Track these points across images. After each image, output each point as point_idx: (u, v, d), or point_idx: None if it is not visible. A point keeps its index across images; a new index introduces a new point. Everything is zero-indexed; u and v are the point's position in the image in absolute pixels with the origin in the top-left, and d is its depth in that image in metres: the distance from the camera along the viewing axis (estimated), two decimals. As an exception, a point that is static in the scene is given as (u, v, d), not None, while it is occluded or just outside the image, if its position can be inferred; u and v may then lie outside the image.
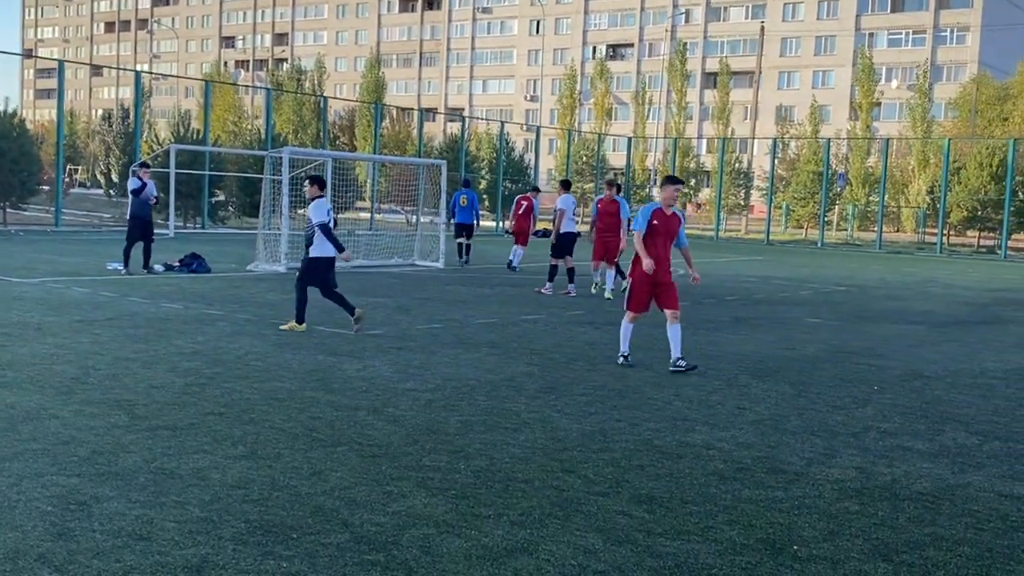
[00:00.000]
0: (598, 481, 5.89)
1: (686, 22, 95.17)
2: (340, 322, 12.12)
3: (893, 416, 8.12)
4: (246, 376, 8.57)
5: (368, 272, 19.80)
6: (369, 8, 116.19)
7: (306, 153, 23.58)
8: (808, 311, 16.15)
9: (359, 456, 6.23)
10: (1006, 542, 5.08)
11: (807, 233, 52.37)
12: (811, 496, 5.77)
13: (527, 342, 11.23)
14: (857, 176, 55.32)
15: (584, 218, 52.19)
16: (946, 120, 68.16)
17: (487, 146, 62.88)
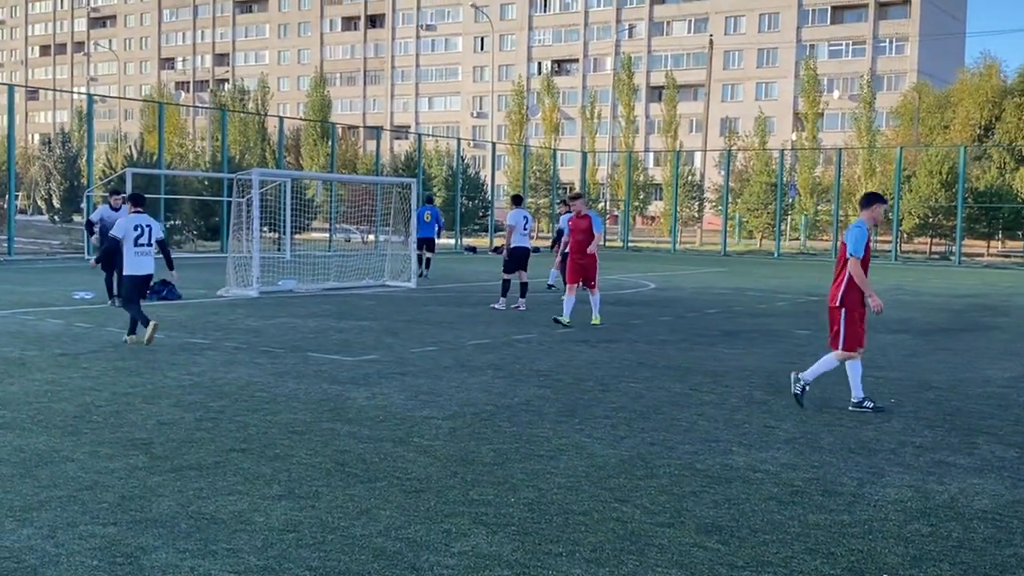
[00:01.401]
0: (657, 511, 5.67)
1: (630, 37, 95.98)
2: (334, 348, 11.80)
3: (922, 430, 8.02)
4: (256, 408, 8.23)
5: (341, 294, 19.44)
6: (311, 27, 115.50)
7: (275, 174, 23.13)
8: (793, 322, 16.13)
9: (402, 491, 5.95)
10: (1095, 561, 4.96)
11: (761, 243, 52.85)
12: (878, 519, 5.61)
13: (529, 363, 10.99)
14: (805, 186, 56.05)
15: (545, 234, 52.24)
16: (888, 129, 69.39)
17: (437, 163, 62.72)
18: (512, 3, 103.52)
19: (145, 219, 12.33)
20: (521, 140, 67.08)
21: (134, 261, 12.02)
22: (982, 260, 44.54)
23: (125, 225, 12.08)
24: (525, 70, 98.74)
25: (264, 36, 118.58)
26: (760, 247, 51.57)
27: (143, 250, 12.09)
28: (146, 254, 12.12)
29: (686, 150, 59.92)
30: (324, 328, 13.86)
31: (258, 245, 18.58)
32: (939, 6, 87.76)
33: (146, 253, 12.12)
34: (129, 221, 12.11)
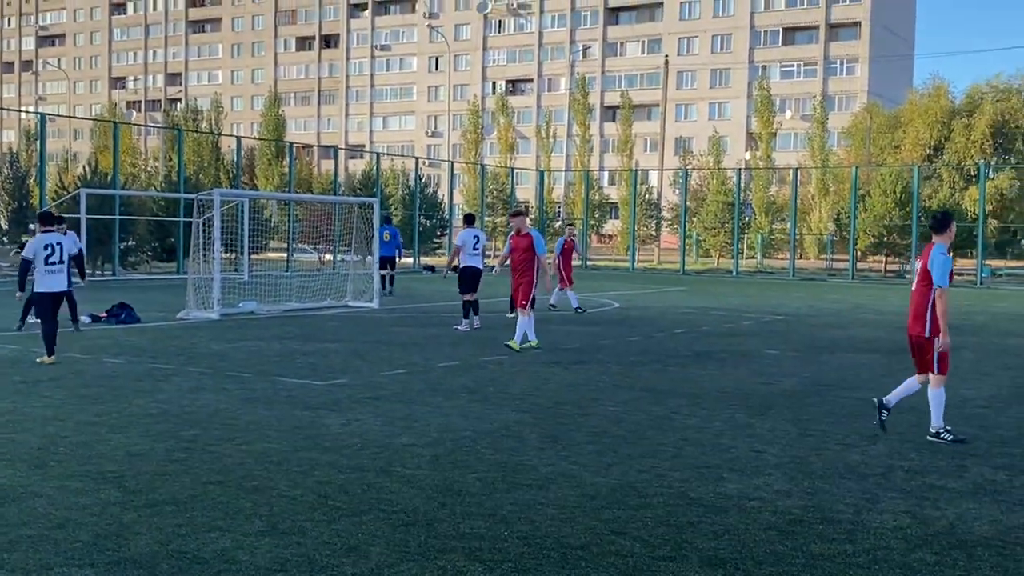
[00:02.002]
0: (657, 544, 5.50)
1: (584, 57, 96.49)
2: (302, 372, 11.52)
3: (908, 452, 7.95)
4: (229, 438, 7.94)
5: (303, 316, 19.12)
6: (265, 47, 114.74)
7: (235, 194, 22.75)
8: (761, 342, 16.10)
9: (389, 526, 5.72)
10: (1108, 590, 4.87)
11: (719, 262, 53.17)
12: (881, 548, 5.48)
13: (503, 387, 10.80)
14: (760, 205, 56.54)
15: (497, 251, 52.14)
16: (840, 148, 70.28)
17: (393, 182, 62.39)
18: (467, 23, 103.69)
19: (56, 237, 12.42)
20: (477, 159, 67.03)
21: (46, 279, 12.09)
22: (935, 278, 45.03)
23: (35, 245, 12.14)
24: (480, 90, 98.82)
25: (217, 56, 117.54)
26: (718, 266, 51.87)
27: (55, 268, 12.13)
28: (58, 271, 12.19)
29: (642, 169, 60.18)
30: (290, 351, 13.56)
31: (219, 266, 18.21)
32: (888, 28, 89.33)
33: (58, 271, 12.19)
34: (39, 241, 12.16)
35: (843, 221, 48.59)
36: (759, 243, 54.21)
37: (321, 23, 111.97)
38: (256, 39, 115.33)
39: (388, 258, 25.11)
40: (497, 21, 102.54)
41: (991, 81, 58.50)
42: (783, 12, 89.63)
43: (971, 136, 55.46)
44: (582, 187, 56.18)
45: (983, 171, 44.02)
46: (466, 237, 16.94)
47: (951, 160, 55.03)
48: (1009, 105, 55.94)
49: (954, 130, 56.24)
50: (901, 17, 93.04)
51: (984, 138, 55.15)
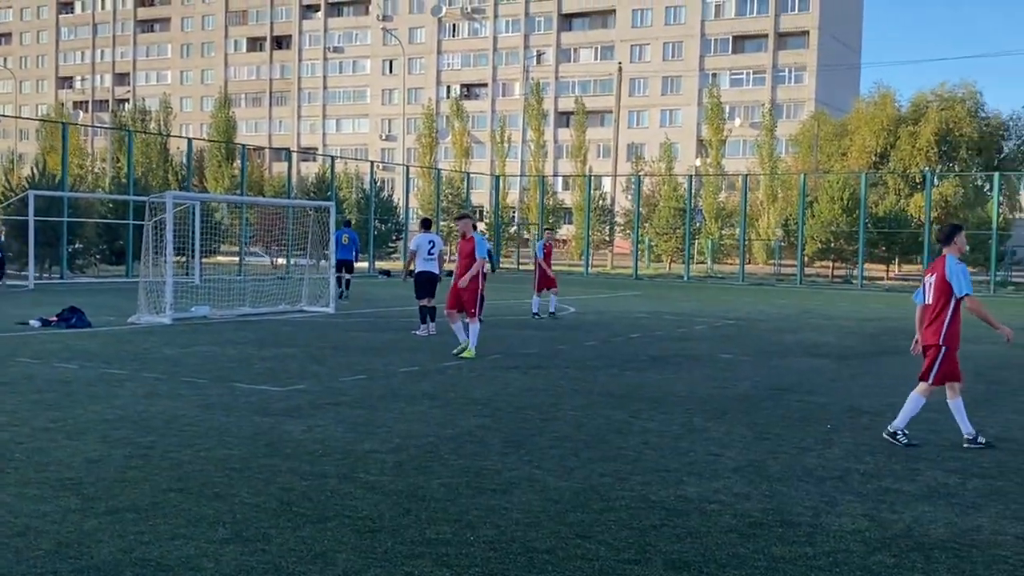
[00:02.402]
0: (622, 547, 5.55)
1: (538, 63, 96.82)
2: (259, 378, 11.45)
3: (863, 456, 8.10)
4: (188, 444, 7.87)
5: (257, 320, 18.97)
6: (215, 47, 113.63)
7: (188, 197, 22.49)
8: (715, 346, 16.28)
9: (354, 532, 5.72)
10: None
11: (670, 267, 53.62)
12: (841, 551, 5.59)
13: (464, 392, 10.81)
14: (710, 211, 57.15)
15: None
16: (789, 156, 71.25)
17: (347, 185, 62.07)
18: (421, 27, 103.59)
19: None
20: (432, 163, 66.94)
21: None
22: (882, 283, 45.91)
23: None
24: (435, 93, 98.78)
25: (166, 56, 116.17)
26: (669, 271, 52.30)
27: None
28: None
29: (595, 175, 60.52)
30: (246, 356, 13.46)
31: (172, 270, 18.01)
32: (836, 37, 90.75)
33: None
34: None
35: (791, 227, 49.29)
36: (709, 248, 54.77)
37: (273, 24, 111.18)
38: (206, 39, 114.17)
39: (345, 261, 25.39)
40: (451, 25, 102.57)
41: (936, 90, 59.67)
42: (733, 21, 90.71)
43: (916, 144, 56.55)
44: (537, 192, 56.35)
45: (929, 178, 44.90)
46: (421, 242, 16.90)
47: (897, 167, 56.08)
48: (953, 113, 57.11)
49: (900, 138, 57.31)
50: (848, 27, 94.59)
51: (929, 146, 56.26)
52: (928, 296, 8.75)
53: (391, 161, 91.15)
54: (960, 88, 59.20)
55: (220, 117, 76.34)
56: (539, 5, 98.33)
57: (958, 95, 58.74)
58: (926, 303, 8.77)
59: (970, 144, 57.33)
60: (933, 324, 8.66)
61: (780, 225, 53.47)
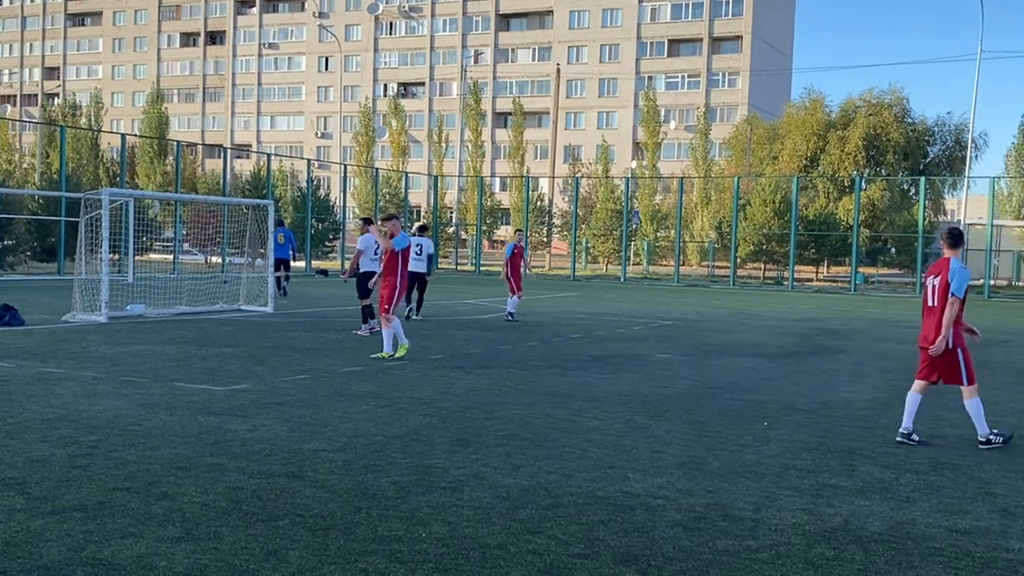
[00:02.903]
0: (571, 542, 5.67)
1: (475, 63, 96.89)
2: (201, 377, 11.36)
3: (800, 452, 8.33)
4: (131, 443, 7.81)
5: (195, 319, 18.76)
6: (148, 42, 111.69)
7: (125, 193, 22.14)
8: (654, 346, 16.52)
9: (307, 530, 5.75)
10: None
11: (607, 268, 54.07)
12: (783, 544, 5.77)
13: (409, 391, 10.86)
14: (646, 213, 57.77)
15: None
16: (722, 159, 72.29)
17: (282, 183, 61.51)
18: (357, 24, 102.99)
19: None
20: (369, 162, 66.61)
21: None
22: (812, 285, 46.85)
23: None
24: (371, 92, 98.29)
25: (97, 50, 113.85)
26: (606, 272, 52.76)
27: None
28: None
29: (533, 176, 60.77)
30: (185, 356, 13.33)
31: (107, 268, 17.73)
32: (768, 43, 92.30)
33: None
34: None
35: (725, 229, 50.09)
36: (645, 250, 55.37)
37: (207, 19, 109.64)
38: (139, 34, 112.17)
39: (282, 260, 25.57)
40: (388, 23, 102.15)
41: (864, 95, 60.94)
42: (668, 24, 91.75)
43: (845, 148, 57.72)
44: (475, 192, 56.42)
45: (857, 182, 45.92)
46: (368, 242, 16.90)
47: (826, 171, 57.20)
48: (881, 119, 58.39)
49: (829, 142, 58.43)
50: (780, 32, 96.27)
51: (857, 150, 57.46)
52: (933, 298, 8.90)
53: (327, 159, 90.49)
54: (888, 94, 60.56)
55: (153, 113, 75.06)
56: (476, 5, 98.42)
57: (886, 101, 60.07)
58: (931, 305, 8.91)
59: (897, 149, 58.68)
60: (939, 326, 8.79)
61: (714, 227, 54.28)
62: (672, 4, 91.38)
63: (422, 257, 19.49)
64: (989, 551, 5.73)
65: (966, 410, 8.91)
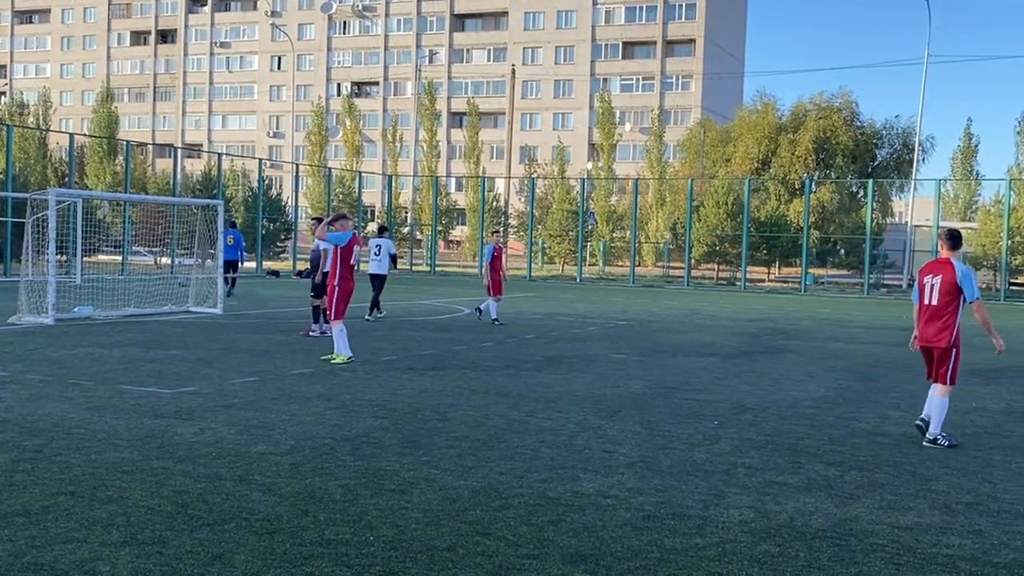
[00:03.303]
0: (520, 543, 5.68)
1: (430, 63, 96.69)
2: (148, 380, 11.22)
3: (748, 450, 8.41)
4: (77, 447, 7.69)
5: (143, 321, 18.52)
6: (98, 40, 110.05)
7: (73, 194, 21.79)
8: (607, 347, 16.60)
9: (252, 533, 5.70)
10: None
11: (563, 269, 54.24)
12: (730, 541, 5.83)
13: (359, 393, 10.80)
14: (602, 214, 58.04)
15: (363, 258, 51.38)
16: (676, 161, 72.85)
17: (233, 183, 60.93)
18: (310, 23, 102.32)
19: None
20: (322, 162, 66.18)
21: None
22: (764, 285, 47.36)
23: None
24: (325, 91, 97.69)
25: (46, 48, 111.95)
26: (562, 272, 52.91)
27: None
28: None
29: (489, 176, 60.78)
30: (133, 358, 13.16)
31: (54, 270, 17.45)
32: (720, 46, 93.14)
33: None
34: None
35: (679, 230, 50.47)
36: (601, 251, 55.61)
37: (158, 17, 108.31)
38: (88, 32, 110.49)
39: (231, 262, 25.51)
40: (342, 22, 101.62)
41: (814, 99, 61.70)
42: (623, 27, 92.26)
43: (796, 151, 58.39)
44: (430, 193, 56.31)
45: (807, 185, 46.49)
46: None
47: (778, 174, 57.83)
48: (830, 122, 59.14)
49: (780, 145, 59.07)
50: (732, 36, 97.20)
51: (808, 153, 58.15)
52: (932, 297, 9.02)
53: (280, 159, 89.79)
54: (837, 98, 61.34)
55: (102, 112, 74.07)
56: (431, 5, 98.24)
57: (835, 104, 60.84)
58: (931, 303, 9.02)
59: (846, 152, 59.47)
60: (941, 325, 8.94)
61: (669, 228, 54.66)
62: (626, 7, 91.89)
63: (381, 257, 20.05)
64: (930, 547, 5.83)
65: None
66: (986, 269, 47.49)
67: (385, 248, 20.31)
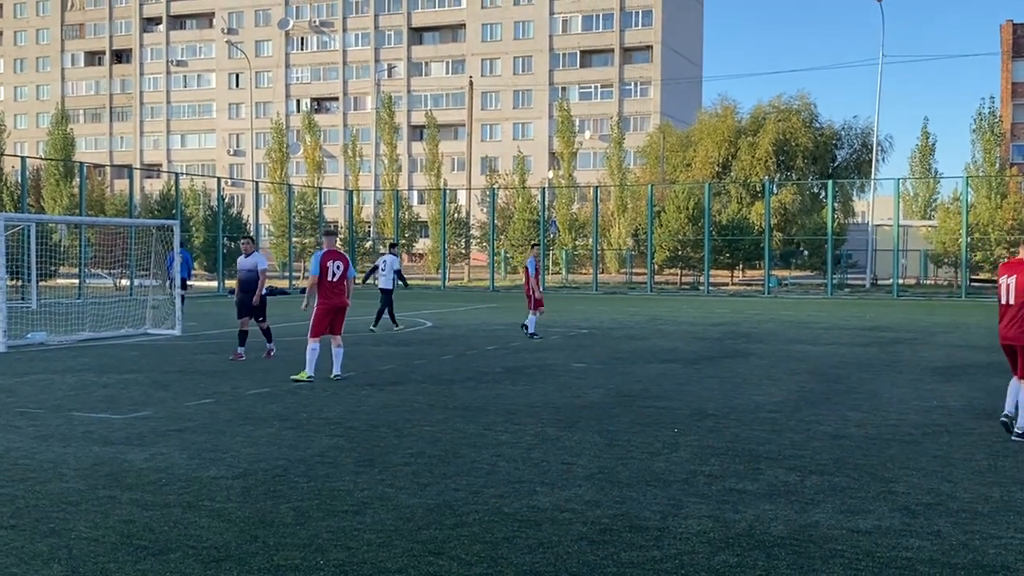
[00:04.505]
0: (473, 561, 5.56)
1: (389, 77, 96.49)
2: (100, 406, 10.98)
3: (708, 458, 8.34)
4: (22, 478, 7.47)
5: (99, 345, 18.20)
6: (51, 62, 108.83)
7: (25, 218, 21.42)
8: (568, 355, 16.51)
9: (199, 562, 5.53)
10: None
11: (525, 278, 54.12)
12: (688, 552, 5.74)
13: (316, 412, 10.63)
14: (564, 222, 58.08)
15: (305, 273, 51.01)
16: (637, 167, 73.11)
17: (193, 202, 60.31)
18: (268, 40, 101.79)
19: None
20: (283, 178, 65.73)
21: None
22: (728, 289, 47.55)
23: None
24: (284, 107, 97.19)
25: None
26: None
27: None
28: None
29: (450, 188, 60.64)
30: (85, 384, 12.89)
31: (4, 296, 17.09)
32: (678, 52, 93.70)
33: None
34: None
35: (641, 236, 50.58)
36: (564, 259, 55.61)
37: (112, 37, 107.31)
38: (41, 53, 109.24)
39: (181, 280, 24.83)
40: (299, 38, 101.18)
41: (773, 102, 62.20)
42: (580, 35, 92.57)
43: (756, 154, 58.82)
44: (392, 206, 56.07)
45: (768, 187, 46.78)
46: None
47: (738, 177, 58.21)
48: (790, 124, 59.65)
49: (740, 148, 59.49)
50: (689, 41, 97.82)
51: (768, 156, 58.60)
52: (1009, 296, 9.21)
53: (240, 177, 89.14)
54: (796, 100, 61.90)
55: (57, 134, 73.16)
56: (388, 19, 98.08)
57: (794, 106, 61.39)
58: (1008, 303, 9.22)
59: (806, 153, 59.99)
60: (1019, 323, 9.12)
61: (631, 235, 54.77)
62: (583, 15, 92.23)
63: (387, 272, 21.86)
64: (889, 550, 5.78)
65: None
66: (947, 266, 48.02)
67: (390, 264, 22.04)
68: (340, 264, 13.37)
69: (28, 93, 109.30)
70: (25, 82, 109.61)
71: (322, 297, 13.27)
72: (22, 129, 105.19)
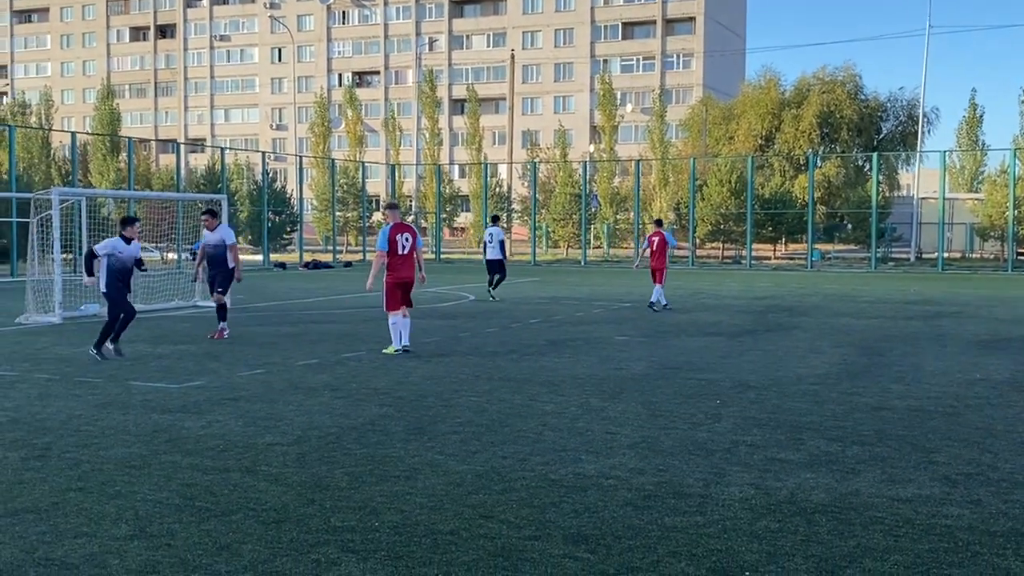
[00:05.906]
0: (523, 525, 5.76)
1: (430, 50, 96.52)
2: (154, 376, 11.32)
3: (750, 428, 8.47)
4: (86, 444, 7.79)
5: (151, 317, 18.62)
6: (97, 38, 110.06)
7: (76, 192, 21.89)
8: (612, 329, 16.65)
9: (260, 523, 5.79)
10: (927, 546, 5.39)
11: (567, 252, 54.25)
12: (729, 518, 5.90)
13: (365, 382, 10.89)
14: (605, 196, 58.01)
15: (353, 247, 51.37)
16: (678, 140, 72.65)
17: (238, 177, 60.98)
18: (310, 14, 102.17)
19: None
20: (325, 153, 66.20)
21: None
22: (770, 263, 47.33)
23: None
24: (326, 82, 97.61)
25: (46, 47, 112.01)
26: (567, 256, 52.94)
27: None
28: None
29: (491, 162, 60.76)
30: (140, 354, 13.26)
31: (60, 268, 17.55)
32: (721, 23, 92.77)
33: None
34: None
35: (682, 210, 50.40)
36: (605, 233, 55.59)
37: (156, 12, 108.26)
38: (87, 29, 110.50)
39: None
40: (341, 12, 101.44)
41: (817, 73, 61.41)
42: (622, 7, 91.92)
43: (800, 126, 58.17)
44: (433, 181, 56.33)
45: (812, 160, 46.38)
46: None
47: (782, 150, 57.67)
48: (834, 96, 58.88)
49: (784, 121, 58.85)
50: (733, 12, 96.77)
51: (812, 128, 57.95)
52: None
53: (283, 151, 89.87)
54: (841, 71, 61.05)
55: (104, 109, 74.10)
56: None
57: (839, 78, 60.56)
58: None
59: (850, 126, 59.23)
60: None
61: (672, 208, 54.57)
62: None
63: (494, 243, 23.61)
64: (929, 518, 5.89)
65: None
66: (993, 240, 47.39)
67: (496, 235, 23.66)
68: (408, 236, 13.35)
69: (74, 69, 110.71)
70: (72, 58, 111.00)
71: (391, 270, 13.29)
72: (69, 105, 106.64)
